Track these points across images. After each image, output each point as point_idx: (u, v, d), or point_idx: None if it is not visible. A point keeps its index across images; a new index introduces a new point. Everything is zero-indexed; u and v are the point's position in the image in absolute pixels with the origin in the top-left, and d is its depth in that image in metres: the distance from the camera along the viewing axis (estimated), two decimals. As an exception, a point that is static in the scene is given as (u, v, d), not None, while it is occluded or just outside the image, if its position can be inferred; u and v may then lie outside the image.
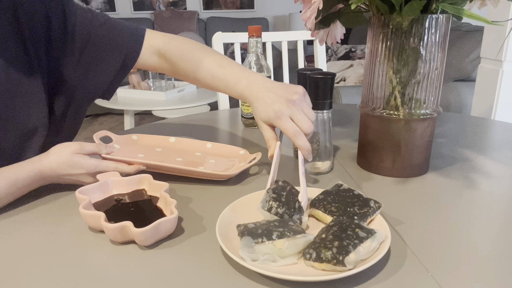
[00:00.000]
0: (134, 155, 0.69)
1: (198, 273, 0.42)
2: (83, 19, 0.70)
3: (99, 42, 0.71)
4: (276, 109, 0.56)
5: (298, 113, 0.56)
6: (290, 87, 0.59)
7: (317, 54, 1.34)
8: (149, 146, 0.75)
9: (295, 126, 0.56)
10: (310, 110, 0.58)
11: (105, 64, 0.73)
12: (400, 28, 0.58)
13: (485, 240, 0.47)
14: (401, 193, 0.59)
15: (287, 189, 0.51)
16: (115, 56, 0.73)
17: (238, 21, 4.11)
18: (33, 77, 0.64)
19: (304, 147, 0.56)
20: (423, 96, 0.60)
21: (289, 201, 0.49)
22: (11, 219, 0.53)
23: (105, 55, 0.72)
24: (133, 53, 0.73)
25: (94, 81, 0.73)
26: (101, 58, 0.72)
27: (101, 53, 0.72)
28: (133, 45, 0.73)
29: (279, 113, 0.56)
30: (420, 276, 0.41)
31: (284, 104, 0.56)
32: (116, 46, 0.72)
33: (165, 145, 0.75)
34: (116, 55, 0.73)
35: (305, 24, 0.63)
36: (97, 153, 0.61)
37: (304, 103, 0.58)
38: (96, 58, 0.72)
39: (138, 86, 2.77)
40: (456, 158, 0.73)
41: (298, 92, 0.58)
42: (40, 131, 0.66)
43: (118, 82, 0.77)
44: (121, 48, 0.73)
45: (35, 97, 0.65)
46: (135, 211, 0.51)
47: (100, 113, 3.85)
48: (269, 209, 0.48)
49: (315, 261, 0.40)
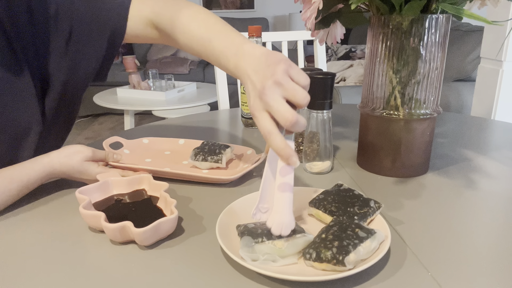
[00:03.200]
0: (142, 160, 0.70)
1: (198, 273, 0.42)
2: (65, 0, 0.66)
3: (83, 23, 0.67)
4: (251, 105, 0.47)
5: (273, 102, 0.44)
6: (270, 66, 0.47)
7: (317, 54, 1.34)
8: (158, 150, 0.76)
9: (267, 123, 0.44)
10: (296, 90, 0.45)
11: (92, 47, 0.69)
12: (400, 28, 0.58)
13: (485, 240, 0.47)
14: (401, 193, 0.59)
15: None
16: (101, 35, 0.68)
17: (238, 21, 4.11)
18: (21, 74, 0.62)
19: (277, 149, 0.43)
20: (423, 96, 0.60)
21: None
22: (11, 219, 0.53)
23: (91, 37, 0.68)
24: (119, 28, 0.68)
25: (84, 67, 0.70)
26: (87, 41, 0.68)
27: (87, 36, 0.68)
28: (118, 19, 0.68)
29: (252, 108, 0.46)
30: (420, 276, 0.41)
31: (256, 97, 0.46)
32: (100, 23, 0.67)
33: (174, 148, 0.76)
34: (102, 33, 0.68)
35: (305, 24, 0.63)
36: (105, 161, 0.62)
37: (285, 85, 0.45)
38: (82, 43, 0.68)
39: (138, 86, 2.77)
40: (456, 158, 0.73)
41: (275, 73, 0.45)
42: (34, 129, 0.65)
43: (110, 61, 0.73)
44: (106, 25, 0.68)
45: (25, 94, 0.63)
46: (135, 211, 0.51)
47: (100, 113, 3.85)
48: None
49: (315, 261, 0.40)
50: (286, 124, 0.43)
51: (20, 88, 0.62)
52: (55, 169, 0.57)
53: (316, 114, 0.63)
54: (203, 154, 0.66)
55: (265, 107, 0.45)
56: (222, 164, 0.66)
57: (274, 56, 0.48)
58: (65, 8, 0.66)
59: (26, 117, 0.64)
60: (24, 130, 0.64)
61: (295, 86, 0.45)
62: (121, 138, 0.72)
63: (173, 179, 0.64)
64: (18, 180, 0.54)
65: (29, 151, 0.65)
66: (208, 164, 0.66)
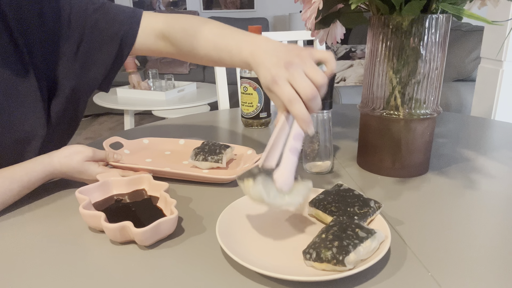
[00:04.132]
0: (142, 160, 0.70)
1: (198, 273, 0.42)
2: (79, 8, 0.67)
3: (95, 31, 0.68)
4: (273, 73, 0.50)
5: (298, 75, 0.49)
6: (294, 49, 0.52)
7: (317, 54, 1.33)
8: (159, 150, 0.76)
9: (292, 91, 0.48)
10: (315, 71, 0.50)
11: (101, 54, 0.70)
12: (400, 28, 0.58)
13: (485, 240, 0.47)
14: (401, 193, 0.59)
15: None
16: (111, 45, 0.70)
17: (238, 21, 4.11)
18: (27, 76, 0.62)
19: (299, 115, 0.47)
20: (423, 96, 0.60)
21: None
22: (11, 219, 0.53)
23: (102, 44, 0.69)
24: (129, 40, 0.70)
25: (91, 73, 0.71)
26: (98, 48, 0.69)
27: (98, 43, 0.69)
28: (129, 31, 0.70)
29: (276, 76, 0.49)
30: (420, 276, 0.41)
31: (281, 67, 0.50)
32: (111, 33, 0.69)
33: (174, 148, 0.76)
34: (112, 43, 0.70)
35: (305, 24, 0.63)
36: (105, 161, 0.62)
37: (307, 63, 0.50)
38: (93, 49, 0.69)
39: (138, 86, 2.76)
40: (456, 158, 0.73)
41: (300, 54, 0.51)
42: (38, 133, 0.64)
43: (115, 72, 0.74)
44: (116, 36, 0.69)
45: (30, 98, 0.62)
46: (135, 211, 0.51)
47: (100, 113, 3.85)
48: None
49: (315, 261, 0.40)
50: (308, 95, 0.47)
51: (25, 92, 0.62)
52: (56, 169, 0.57)
53: (316, 114, 0.63)
54: (204, 154, 0.66)
55: (289, 77, 0.49)
56: (223, 164, 0.66)
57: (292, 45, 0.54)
58: (78, 15, 0.67)
59: (30, 120, 0.63)
60: (28, 133, 0.64)
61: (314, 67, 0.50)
62: (121, 138, 0.72)
63: (173, 179, 0.64)
64: (18, 180, 0.54)
65: (32, 155, 0.65)
66: (208, 164, 0.66)
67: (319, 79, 0.49)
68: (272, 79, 0.50)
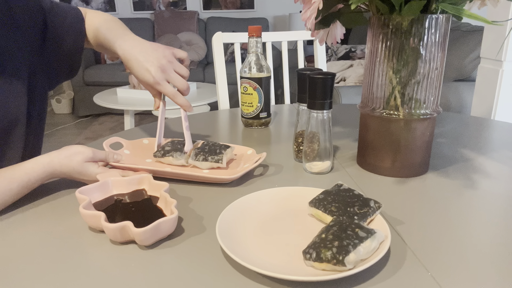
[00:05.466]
0: (142, 160, 0.70)
1: (198, 273, 0.42)
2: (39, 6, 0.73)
3: (52, 28, 0.74)
4: (153, 75, 0.65)
5: (173, 75, 0.67)
6: (158, 50, 0.67)
7: (317, 54, 1.34)
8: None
9: (172, 88, 0.67)
10: (181, 68, 0.68)
11: (61, 48, 0.76)
12: (400, 28, 0.58)
13: (485, 240, 0.47)
14: (401, 193, 0.59)
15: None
16: (68, 40, 0.76)
17: (238, 21, 4.11)
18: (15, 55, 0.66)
19: (183, 103, 0.68)
20: (423, 96, 0.60)
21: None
22: (11, 219, 0.53)
23: (61, 39, 0.75)
24: (80, 36, 0.77)
25: (55, 66, 0.77)
26: (59, 43, 0.75)
27: (57, 37, 0.75)
28: (78, 28, 0.77)
29: (157, 78, 0.65)
30: (420, 276, 0.41)
31: (158, 70, 0.65)
32: (64, 31, 0.76)
33: None
34: (67, 38, 0.76)
35: (305, 24, 0.63)
36: (105, 161, 0.62)
37: (174, 63, 0.68)
38: (55, 42, 0.75)
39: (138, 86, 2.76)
40: (456, 158, 0.73)
41: (165, 55, 0.67)
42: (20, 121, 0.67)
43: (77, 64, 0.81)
44: (68, 34, 0.76)
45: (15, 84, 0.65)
46: (135, 211, 0.51)
47: (100, 113, 3.85)
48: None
49: (315, 261, 0.40)
50: (183, 88, 0.68)
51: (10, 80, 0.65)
52: (55, 169, 0.57)
53: (316, 114, 0.63)
54: (204, 154, 0.67)
55: (167, 77, 0.67)
56: (223, 164, 0.66)
57: (155, 44, 0.69)
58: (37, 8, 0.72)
59: (14, 108, 0.65)
60: (11, 122, 0.65)
61: (179, 65, 0.70)
62: (121, 139, 0.72)
63: (173, 179, 0.64)
64: (18, 180, 0.54)
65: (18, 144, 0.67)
66: (208, 164, 0.66)
67: (185, 73, 0.69)
68: (155, 81, 0.66)
